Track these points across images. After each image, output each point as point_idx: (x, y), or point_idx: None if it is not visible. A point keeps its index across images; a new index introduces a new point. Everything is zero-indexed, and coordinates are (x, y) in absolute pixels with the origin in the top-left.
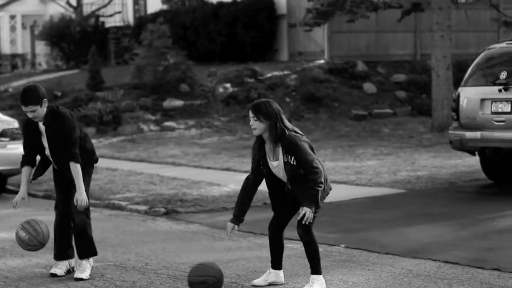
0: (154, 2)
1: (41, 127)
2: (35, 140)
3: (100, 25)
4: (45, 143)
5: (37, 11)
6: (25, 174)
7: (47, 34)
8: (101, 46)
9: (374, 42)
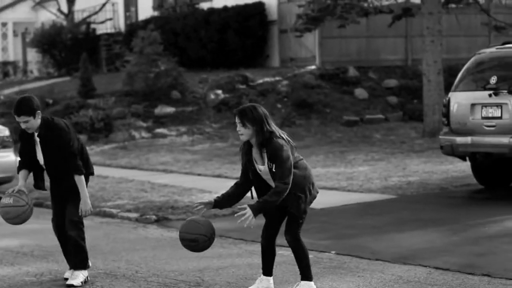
0: (145, 9)
1: (36, 138)
2: (30, 151)
3: (91, 32)
4: (40, 154)
5: (29, 19)
6: (23, 176)
7: (38, 42)
8: (93, 53)
9: (365, 48)
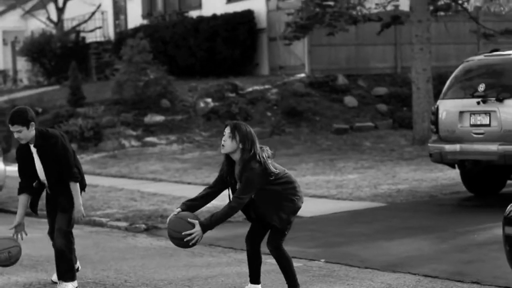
0: (135, 17)
1: (33, 150)
2: (30, 165)
3: (81, 41)
4: (39, 166)
5: (18, 27)
6: (22, 203)
7: (28, 50)
8: (82, 62)
9: (354, 55)
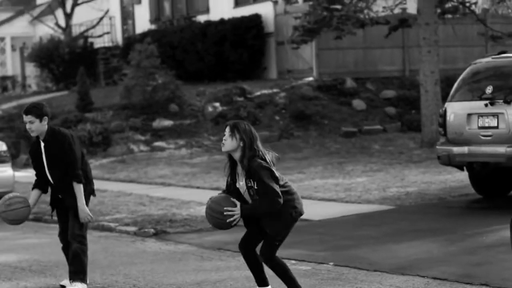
0: (143, 22)
1: (42, 146)
2: (39, 163)
3: (89, 46)
4: (45, 163)
5: (26, 33)
6: (33, 196)
7: (36, 56)
8: (90, 67)
9: (362, 59)
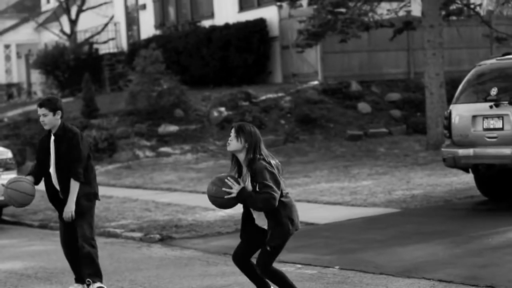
0: (147, 28)
1: (52, 140)
2: (44, 156)
3: (94, 52)
4: (52, 157)
5: (32, 40)
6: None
7: (42, 63)
8: (96, 73)
9: (367, 62)
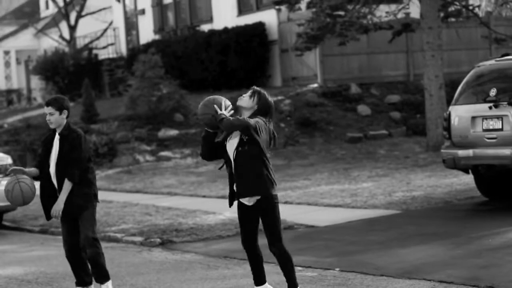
0: (147, 33)
1: (56, 139)
2: (46, 154)
3: (94, 58)
4: (53, 156)
5: (31, 46)
6: (30, 170)
7: (41, 69)
8: (95, 79)
9: (367, 64)
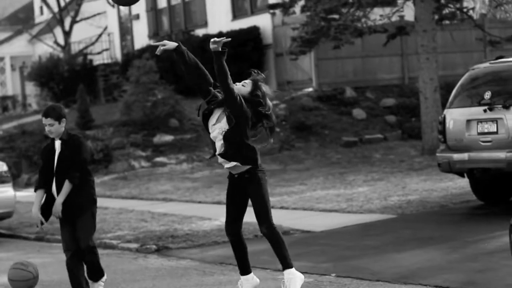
0: (141, 38)
1: (57, 145)
2: (50, 163)
3: (88, 63)
4: (54, 164)
5: (26, 52)
6: (38, 197)
7: (36, 75)
8: (90, 84)
9: (361, 68)
